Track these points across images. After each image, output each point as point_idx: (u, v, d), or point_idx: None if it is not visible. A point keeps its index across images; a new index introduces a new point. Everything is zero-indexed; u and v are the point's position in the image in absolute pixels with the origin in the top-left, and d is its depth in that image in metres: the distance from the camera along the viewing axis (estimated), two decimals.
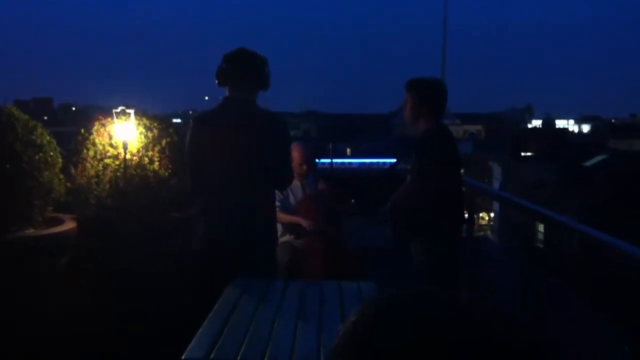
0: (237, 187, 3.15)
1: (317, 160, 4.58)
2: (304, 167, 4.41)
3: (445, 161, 3.54)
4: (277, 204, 4.40)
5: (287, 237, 4.34)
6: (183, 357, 2.22)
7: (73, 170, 5.31)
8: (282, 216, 4.38)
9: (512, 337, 0.59)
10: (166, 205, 5.23)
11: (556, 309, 4.54)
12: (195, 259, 3.44)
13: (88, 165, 5.39)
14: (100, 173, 5.38)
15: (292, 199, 4.42)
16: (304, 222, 4.25)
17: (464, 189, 4.84)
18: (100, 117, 5.74)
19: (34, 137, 4.61)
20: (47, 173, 4.60)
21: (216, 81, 3.26)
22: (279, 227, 4.38)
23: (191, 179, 3.26)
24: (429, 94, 3.60)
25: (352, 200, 4.48)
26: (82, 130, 5.55)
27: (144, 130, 5.69)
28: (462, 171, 4.23)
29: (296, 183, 4.47)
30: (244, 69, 3.21)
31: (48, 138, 4.77)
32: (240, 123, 3.17)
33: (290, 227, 4.32)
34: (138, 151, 5.61)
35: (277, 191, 4.45)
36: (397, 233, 3.84)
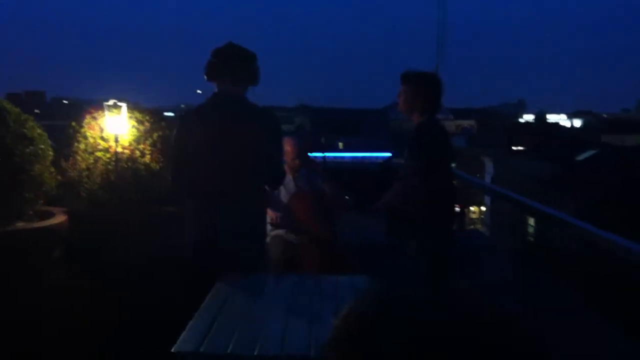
0: (228, 183, 3.11)
1: (310, 154, 4.57)
2: (297, 161, 4.40)
3: (437, 157, 3.52)
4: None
5: (279, 231, 4.33)
6: (173, 350, 2.22)
7: (64, 164, 5.29)
8: None
9: (502, 337, 0.59)
10: (157, 198, 5.22)
11: (547, 303, 4.56)
12: (191, 256, 3.41)
13: (79, 158, 5.37)
14: (91, 166, 5.36)
15: (284, 193, 4.41)
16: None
17: (455, 182, 4.85)
18: (92, 110, 5.71)
19: (25, 130, 4.58)
20: (38, 166, 4.57)
21: (205, 76, 3.24)
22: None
23: (175, 172, 3.22)
24: (423, 87, 3.57)
25: (347, 197, 4.45)
26: (73, 124, 5.52)
27: (135, 124, 5.67)
28: (453, 165, 4.22)
29: (288, 177, 4.47)
30: (233, 64, 3.18)
31: (39, 131, 4.74)
32: (230, 118, 3.13)
33: (284, 222, 4.32)
34: (129, 144, 5.59)
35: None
36: (390, 229, 3.83)
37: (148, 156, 5.55)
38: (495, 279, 4.78)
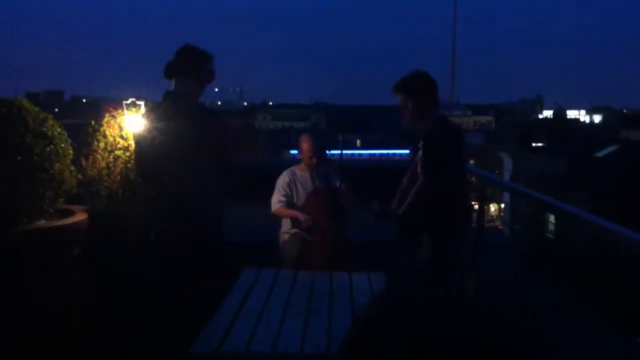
0: (181, 179, 3.20)
1: (327, 152, 4.56)
2: (313, 159, 4.39)
3: (445, 156, 3.50)
4: (283, 199, 4.39)
5: (297, 229, 4.33)
6: (193, 349, 2.23)
7: (84, 162, 5.32)
8: (282, 211, 4.37)
9: (502, 337, 0.59)
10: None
11: (563, 304, 4.52)
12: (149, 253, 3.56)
13: (99, 157, 5.40)
14: (110, 164, 5.38)
15: (301, 191, 4.41)
16: (301, 217, 4.23)
17: (473, 179, 4.82)
18: (111, 108, 5.74)
19: (44, 129, 4.61)
20: (58, 165, 4.60)
21: (163, 75, 3.39)
22: (289, 220, 4.39)
23: (137, 167, 3.42)
24: (416, 88, 3.57)
25: (375, 205, 4.42)
26: (93, 122, 5.55)
27: None
28: (472, 162, 4.19)
29: (305, 175, 4.46)
30: (186, 64, 3.33)
31: (59, 130, 4.76)
32: (181, 117, 3.23)
33: (297, 223, 4.31)
34: None
35: (284, 184, 4.44)
36: (402, 228, 3.82)
37: None
38: (509, 277, 4.74)
